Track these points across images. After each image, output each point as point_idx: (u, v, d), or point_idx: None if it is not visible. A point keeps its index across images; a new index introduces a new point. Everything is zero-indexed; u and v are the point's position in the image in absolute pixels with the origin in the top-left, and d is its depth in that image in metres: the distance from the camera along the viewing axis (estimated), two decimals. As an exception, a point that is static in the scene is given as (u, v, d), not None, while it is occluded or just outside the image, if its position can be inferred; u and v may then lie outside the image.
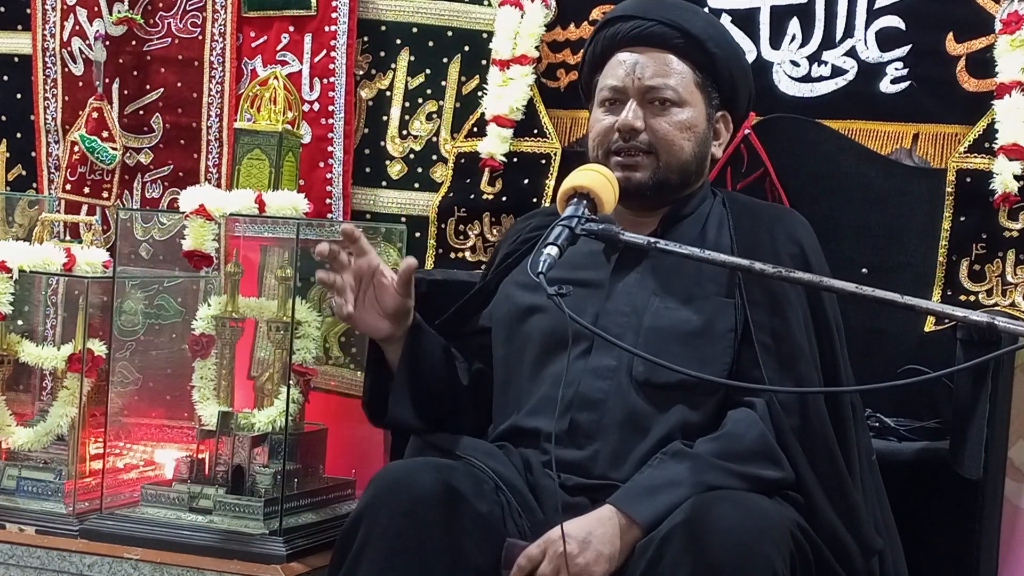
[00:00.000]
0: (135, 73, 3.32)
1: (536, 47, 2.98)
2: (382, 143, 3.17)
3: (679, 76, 2.34)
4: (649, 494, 2.07)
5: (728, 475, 2.09)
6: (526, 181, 2.98)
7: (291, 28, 3.20)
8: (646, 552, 1.99)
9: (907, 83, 2.77)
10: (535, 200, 2.94)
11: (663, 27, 2.35)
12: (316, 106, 3.17)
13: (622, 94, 2.35)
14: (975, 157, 2.68)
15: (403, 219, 3.12)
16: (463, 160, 3.05)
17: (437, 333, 2.41)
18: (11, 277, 2.77)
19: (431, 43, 3.13)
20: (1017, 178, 2.62)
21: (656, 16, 2.36)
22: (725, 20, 2.85)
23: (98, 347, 2.82)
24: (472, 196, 3.02)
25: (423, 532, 2.03)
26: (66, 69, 3.36)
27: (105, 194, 3.15)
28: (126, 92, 3.32)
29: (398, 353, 2.34)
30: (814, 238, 2.38)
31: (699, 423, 2.21)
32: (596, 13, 2.95)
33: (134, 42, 3.31)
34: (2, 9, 3.47)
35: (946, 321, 2.56)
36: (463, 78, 3.11)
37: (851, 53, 2.80)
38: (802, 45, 2.83)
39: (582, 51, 2.54)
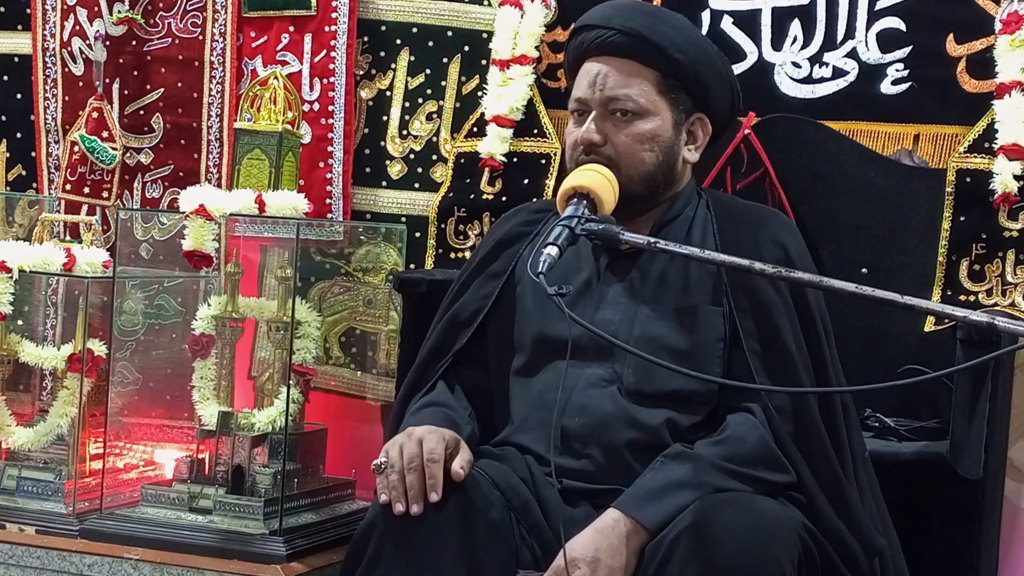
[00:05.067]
0: (135, 73, 3.32)
1: (536, 47, 2.98)
2: (382, 143, 3.17)
3: (640, 86, 2.29)
4: (654, 497, 2.06)
5: (732, 477, 2.08)
6: (526, 181, 2.98)
7: (291, 28, 3.20)
8: (656, 555, 1.98)
9: (908, 84, 2.77)
10: (535, 200, 2.93)
11: (622, 36, 2.30)
12: (316, 106, 3.17)
13: (585, 106, 2.32)
14: (975, 157, 2.68)
15: (403, 219, 3.12)
16: (463, 160, 3.05)
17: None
18: (11, 277, 2.77)
19: (431, 43, 3.13)
20: (1017, 178, 2.62)
21: (616, 25, 2.31)
22: (727, 22, 2.85)
23: (98, 347, 2.82)
24: (472, 196, 3.02)
25: (438, 540, 2.02)
26: (66, 69, 3.36)
27: (105, 194, 3.15)
28: (126, 92, 3.32)
29: None
30: (800, 240, 2.35)
31: (691, 433, 2.20)
32: (597, 14, 2.96)
33: (134, 42, 3.31)
34: (2, 9, 3.47)
35: (946, 321, 2.56)
36: (463, 78, 3.11)
37: (852, 54, 2.80)
38: (803, 46, 2.83)
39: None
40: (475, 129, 3.06)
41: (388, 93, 3.17)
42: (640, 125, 2.29)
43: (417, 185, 3.13)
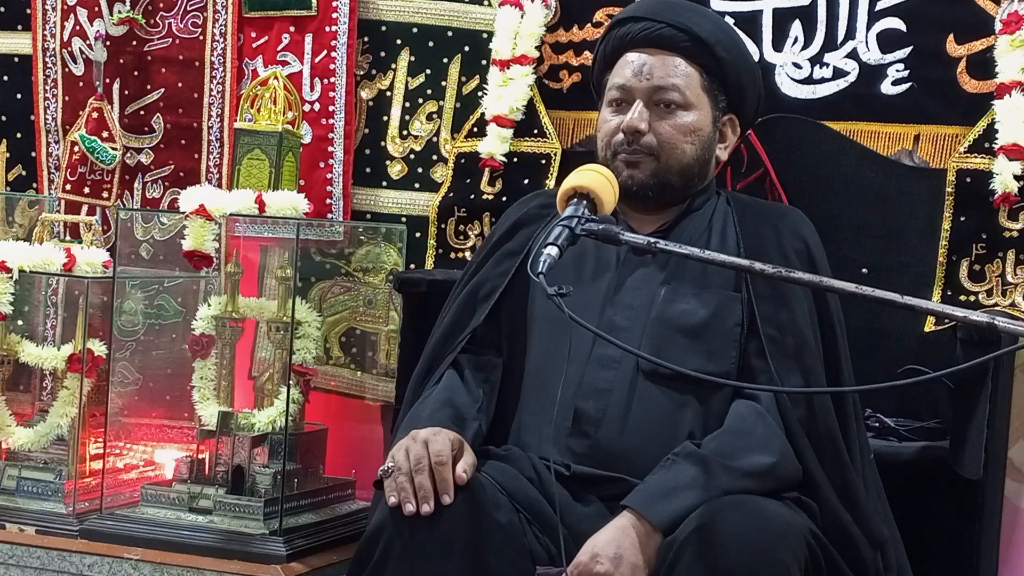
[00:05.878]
0: (136, 73, 3.32)
1: (536, 47, 2.98)
2: (382, 143, 3.17)
3: (686, 79, 2.35)
4: (665, 497, 2.06)
5: (735, 475, 2.09)
6: (526, 181, 2.98)
7: (292, 28, 3.20)
8: (665, 558, 1.99)
9: (908, 84, 2.77)
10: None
11: (672, 30, 2.36)
12: (316, 106, 3.17)
13: (629, 94, 2.36)
14: (975, 157, 2.68)
15: (403, 219, 3.12)
16: (463, 160, 3.05)
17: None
18: (11, 277, 2.77)
19: (431, 43, 3.13)
20: (1017, 178, 2.62)
21: (666, 19, 2.37)
22: (728, 23, 2.85)
23: (98, 347, 2.82)
24: (472, 196, 3.02)
25: (446, 544, 2.02)
26: (66, 69, 3.36)
27: (105, 194, 3.15)
28: (127, 92, 3.32)
29: None
30: (817, 236, 2.39)
31: (705, 413, 2.21)
32: (600, 15, 2.96)
33: (135, 42, 3.31)
34: (2, 9, 3.47)
35: (946, 321, 2.56)
36: (463, 78, 3.11)
37: (853, 55, 2.80)
38: (804, 47, 2.83)
39: (594, 49, 2.54)
40: (475, 129, 3.06)
41: (388, 93, 3.17)
42: (683, 117, 2.34)
43: (417, 185, 3.13)
